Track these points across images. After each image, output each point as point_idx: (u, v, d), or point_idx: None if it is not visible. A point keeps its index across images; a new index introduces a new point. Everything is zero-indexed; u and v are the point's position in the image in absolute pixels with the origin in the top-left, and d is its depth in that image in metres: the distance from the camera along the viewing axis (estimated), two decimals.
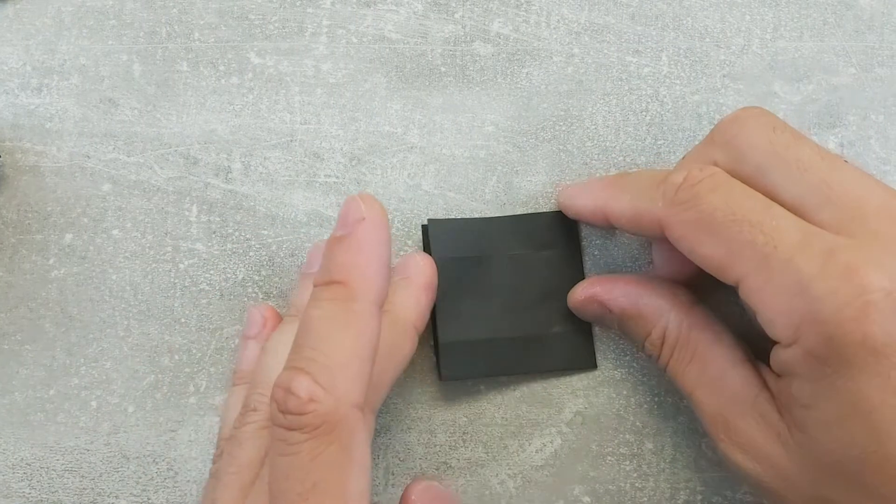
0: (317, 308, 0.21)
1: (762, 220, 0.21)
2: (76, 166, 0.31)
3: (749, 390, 0.23)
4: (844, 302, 0.19)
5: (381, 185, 0.30)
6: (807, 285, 0.20)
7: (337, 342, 0.20)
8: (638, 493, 0.29)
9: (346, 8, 0.31)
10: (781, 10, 0.31)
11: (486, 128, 0.31)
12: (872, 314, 0.19)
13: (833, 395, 0.20)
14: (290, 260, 0.30)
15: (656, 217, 0.24)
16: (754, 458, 0.23)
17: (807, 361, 0.20)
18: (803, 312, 0.20)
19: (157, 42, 0.31)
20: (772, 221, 0.21)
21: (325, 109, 0.31)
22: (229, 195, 0.30)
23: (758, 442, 0.23)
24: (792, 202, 0.22)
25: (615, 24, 0.31)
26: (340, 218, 0.22)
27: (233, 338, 0.30)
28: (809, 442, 0.21)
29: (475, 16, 0.31)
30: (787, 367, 0.22)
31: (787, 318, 0.21)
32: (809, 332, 0.20)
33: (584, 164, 0.31)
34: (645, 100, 0.31)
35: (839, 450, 0.20)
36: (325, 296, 0.21)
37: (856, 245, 0.20)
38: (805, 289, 0.20)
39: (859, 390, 0.20)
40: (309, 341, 0.20)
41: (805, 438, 0.21)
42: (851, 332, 0.19)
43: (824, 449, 0.21)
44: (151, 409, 0.30)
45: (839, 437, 0.20)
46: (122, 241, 0.30)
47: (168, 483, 0.29)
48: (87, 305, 0.30)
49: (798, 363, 0.21)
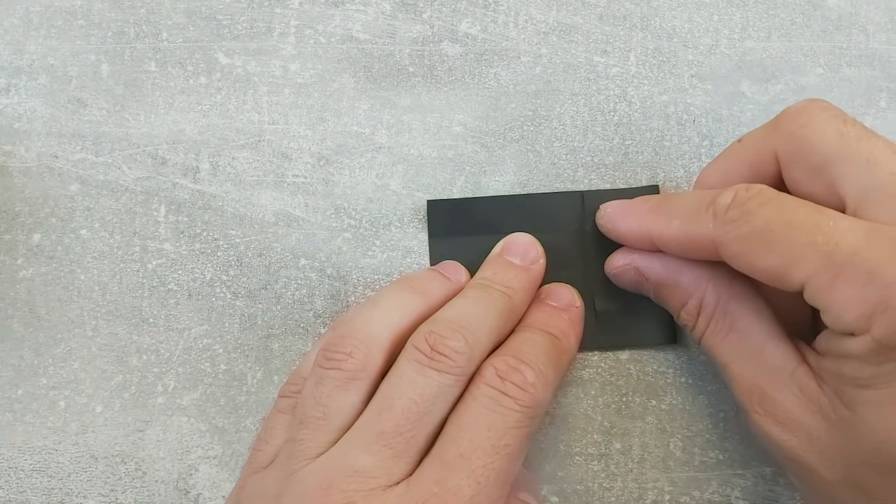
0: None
1: (819, 222, 0.21)
2: (44, 166, 0.31)
3: (788, 363, 0.24)
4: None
5: (350, 185, 0.31)
6: (878, 273, 0.20)
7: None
8: (606, 493, 0.29)
9: (314, 8, 0.31)
10: (749, 11, 0.31)
11: (455, 128, 0.31)
12: None
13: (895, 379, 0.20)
14: (257, 260, 0.30)
15: (709, 239, 0.24)
16: (791, 430, 0.23)
17: (875, 348, 0.20)
18: (876, 301, 0.20)
19: (125, 42, 0.31)
20: (829, 222, 0.21)
21: (293, 109, 0.31)
22: (197, 195, 0.30)
23: (795, 414, 0.23)
24: (855, 196, 0.22)
25: (583, 24, 0.31)
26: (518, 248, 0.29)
27: (201, 338, 0.30)
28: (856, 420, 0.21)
29: (443, 16, 0.31)
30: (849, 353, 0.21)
31: (859, 308, 0.21)
32: (883, 319, 0.20)
33: (552, 164, 0.31)
34: (613, 100, 0.31)
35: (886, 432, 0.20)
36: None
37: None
38: (876, 277, 0.20)
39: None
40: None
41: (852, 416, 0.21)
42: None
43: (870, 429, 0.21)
44: (119, 409, 0.30)
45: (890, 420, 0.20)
46: (91, 241, 0.30)
47: (136, 483, 0.29)
48: (55, 305, 0.30)
49: (864, 350, 0.21)
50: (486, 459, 0.24)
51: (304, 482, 0.24)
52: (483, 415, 0.24)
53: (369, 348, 0.26)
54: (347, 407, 0.25)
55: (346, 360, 0.25)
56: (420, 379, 0.24)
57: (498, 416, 0.24)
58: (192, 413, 0.30)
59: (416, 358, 0.25)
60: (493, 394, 0.24)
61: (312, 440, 0.25)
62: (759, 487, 0.29)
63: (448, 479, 0.23)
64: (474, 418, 0.24)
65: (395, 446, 0.24)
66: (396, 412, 0.24)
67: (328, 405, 0.25)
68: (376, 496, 0.23)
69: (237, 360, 0.30)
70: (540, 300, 0.29)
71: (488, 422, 0.24)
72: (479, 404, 0.24)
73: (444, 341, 0.25)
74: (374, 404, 0.25)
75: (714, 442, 0.29)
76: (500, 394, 0.24)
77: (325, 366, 0.26)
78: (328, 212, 0.30)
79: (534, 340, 0.27)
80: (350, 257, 0.30)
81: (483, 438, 0.24)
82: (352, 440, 0.24)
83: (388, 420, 0.24)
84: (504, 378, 0.25)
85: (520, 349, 0.26)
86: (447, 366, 0.25)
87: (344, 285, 0.30)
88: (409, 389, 0.24)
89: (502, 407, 0.24)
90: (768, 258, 0.22)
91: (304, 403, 0.26)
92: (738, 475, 0.29)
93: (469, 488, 0.23)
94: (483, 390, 0.25)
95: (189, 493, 0.29)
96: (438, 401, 0.24)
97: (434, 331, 0.25)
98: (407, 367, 0.25)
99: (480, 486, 0.23)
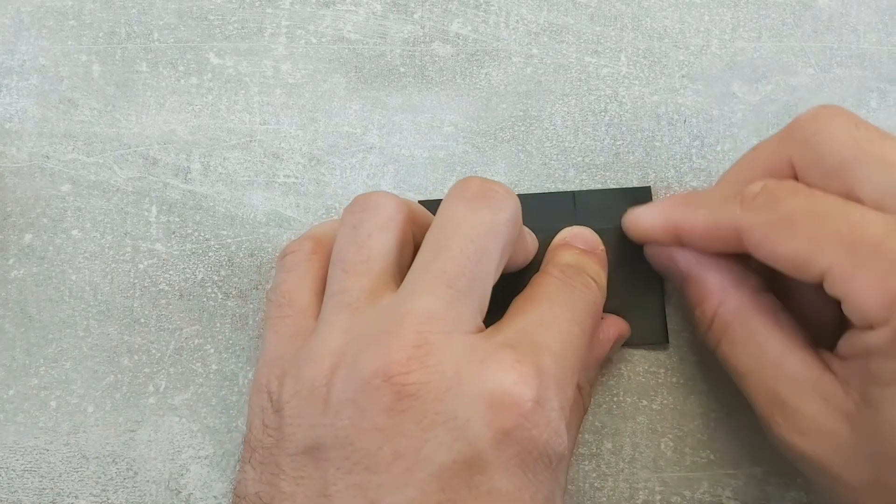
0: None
1: (846, 212, 0.22)
2: (35, 167, 0.31)
3: (810, 373, 0.23)
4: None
5: (341, 185, 0.31)
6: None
7: None
8: (597, 493, 0.29)
9: (305, 8, 0.31)
10: (740, 11, 0.31)
11: (446, 128, 0.31)
12: None
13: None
14: (249, 260, 0.30)
15: (734, 226, 0.24)
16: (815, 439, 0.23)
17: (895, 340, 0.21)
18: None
19: (116, 42, 0.31)
20: (856, 213, 0.22)
21: (285, 110, 0.31)
22: (189, 195, 0.31)
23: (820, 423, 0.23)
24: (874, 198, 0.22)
25: (574, 24, 0.31)
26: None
27: (192, 338, 0.30)
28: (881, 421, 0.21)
29: (434, 16, 0.31)
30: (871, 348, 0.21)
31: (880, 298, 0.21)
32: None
33: (544, 164, 0.31)
34: (604, 100, 0.31)
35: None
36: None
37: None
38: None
39: None
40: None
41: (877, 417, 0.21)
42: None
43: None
44: (111, 409, 0.30)
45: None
46: (82, 241, 0.30)
47: (128, 483, 0.29)
48: (46, 306, 0.30)
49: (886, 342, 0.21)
50: (568, 325, 0.24)
51: (369, 328, 0.23)
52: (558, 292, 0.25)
53: (398, 200, 0.25)
54: (389, 248, 0.24)
55: (381, 206, 0.25)
56: (473, 215, 0.24)
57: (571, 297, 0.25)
58: (183, 413, 0.30)
59: (465, 197, 0.24)
60: (564, 279, 0.25)
61: (362, 287, 0.24)
62: (750, 487, 0.29)
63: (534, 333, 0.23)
64: (551, 293, 0.25)
65: (459, 287, 0.23)
66: (455, 252, 0.23)
67: (371, 247, 0.24)
68: (456, 338, 0.22)
69: (228, 360, 0.30)
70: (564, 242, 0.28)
71: (564, 298, 0.25)
72: (557, 280, 0.25)
73: (489, 185, 0.24)
74: (428, 246, 0.24)
75: (705, 442, 0.29)
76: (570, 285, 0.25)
77: (357, 212, 0.25)
78: (319, 212, 0.30)
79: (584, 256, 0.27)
80: None
81: (564, 310, 0.24)
82: (412, 283, 0.23)
83: (448, 260, 0.23)
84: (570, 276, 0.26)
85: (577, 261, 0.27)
86: (498, 201, 0.24)
87: None
88: (465, 226, 0.23)
89: (574, 291, 0.25)
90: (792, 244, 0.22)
91: (342, 251, 0.25)
92: (729, 475, 0.29)
93: (556, 344, 0.23)
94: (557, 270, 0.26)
95: (180, 493, 0.29)
96: (493, 239, 0.24)
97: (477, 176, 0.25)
98: (457, 205, 0.24)
99: (564, 345, 0.23)
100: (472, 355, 0.22)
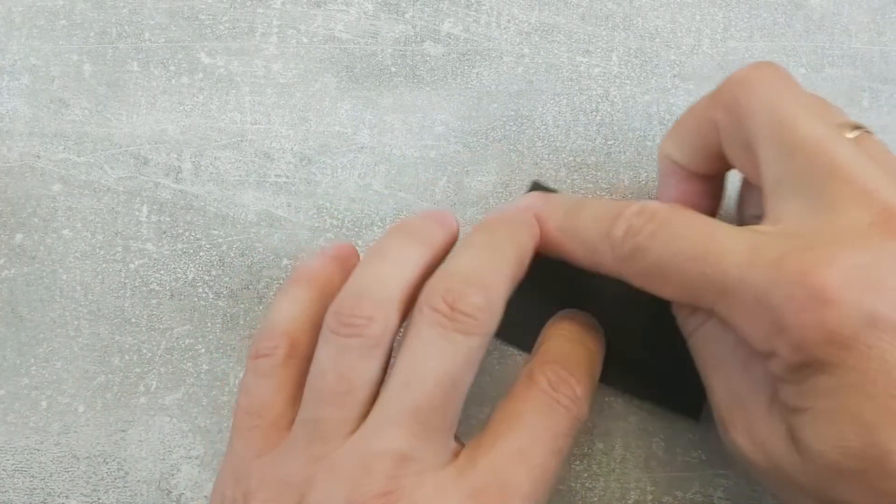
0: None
1: (706, 251, 0.21)
2: (26, 166, 0.31)
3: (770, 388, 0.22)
4: (801, 306, 0.19)
5: (332, 185, 0.31)
6: (763, 298, 0.20)
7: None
8: (588, 493, 0.29)
9: (296, 8, 0.31)
10: (732, 11, 0.31)
11: (437, 128, 0.31)
12: (831, 311, 0.19)
13: (817, 396, 0.20)
14: (240, 260, 0.30)
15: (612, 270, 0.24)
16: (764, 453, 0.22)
17: (788, 369, 0.20)
18: (768, 325, 0.20)
19: (107, 42, 0.31)
20: (715, 248, 0.21)
21: (276, 109, 0.31)
22: (179, 195, 0.31)
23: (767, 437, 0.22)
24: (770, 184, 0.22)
25: (565, 24, 0.31)
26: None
27: (183, 338, 0.30)
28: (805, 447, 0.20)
29: (425, 16, 0.31)
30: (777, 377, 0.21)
31: (758, 333, 0.20)
32: (780, 342, 0.20)
33: (535, 164, 0.31)
34: (595, 100, 0.31)
35: (834, 450, 0.20)
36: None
37: (807, 244, 0.20)
38: (762, 302, 0.20)
39: (840, 387, 0.19)
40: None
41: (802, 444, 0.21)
42: (815, 333, 0.19)
43: (820, 451, 0.20)
44: (102, 408, 0.30)
45: (831, 437, 0.20)
46: (73, 241, 0.30)
47: (118, 483, 0.29)
48: (37, 305, 0.30)
49: (782, 372, 0.21)
50: (544, 458, 0.23)
51: (338, 467, 0.22)
52: (542, 413, 0.24)
53: (388, 311, 0.23)
54: (371, 377, 0.23)
55: (367, 326, 0.23)
56: (447, 345, 0.22)
57: (554, 419, 0.24)
58: (174, 413, 0.30)
59: (436, 321, 0.22)
60: (547, 400, 0.24)
61: (338, 418, 0.23)
62: (741, 487, 0.29)
63: (506, 471, 0.22)
64: (533, 417, 0.24)
65: (432, 422, 0.22)
66: (428, 385, 0.22)
67: (352, 378, 0.23)
68: (427, 479, 0.22)
69: (219, 360, 0.30)
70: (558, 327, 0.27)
71: (546, 422, 0.23)
72: (534, 407, 0.24)
73: (465, 299, 0.22)
74: (401, 376, 0.22)
75: (696, 442, 0.29)
76: (554, 401, 0.24)
77: (342, 332, 0.23)
78: (310, 212, 0.30)
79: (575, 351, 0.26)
80: None
81: (544, 438, 0.23)
82: (385, 417, 0.22)
83: (421, 394, 0.22)
84: (556, 389, 0.24)
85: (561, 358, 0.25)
86: (471, 326, 0.22)
87: None
88: (438, 358, 0.22)
89: (556, 413, 0.24)
90: (669, 291, 0.22)
91: (320, 377, 0.23)
92: (720, 475, 0.29)
93: (527, 484, 0.22)
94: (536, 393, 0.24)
95: (171, 493, 0.29)
96: (468, 366, 0.23)
97: (451, 287, 0.22)
98: (429, 333, 0.22)
99: (536, 483, 0.23)
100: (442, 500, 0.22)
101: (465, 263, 0.24)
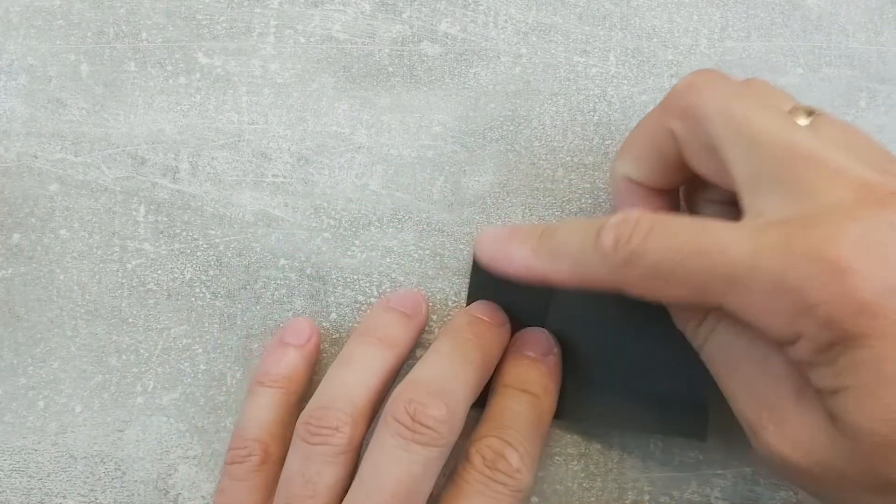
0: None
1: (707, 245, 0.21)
2: (24, 166, 0.31)
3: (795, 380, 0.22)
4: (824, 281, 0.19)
5: (329, 185, 0.31)
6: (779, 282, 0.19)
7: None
8: (586, 493, 0.29)
9: (293, 8, 0.31)
10: (729, 11, 0.31)
11: (434, 128, 0.31)
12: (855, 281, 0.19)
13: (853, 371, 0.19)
14: (237, 260, 0.30)
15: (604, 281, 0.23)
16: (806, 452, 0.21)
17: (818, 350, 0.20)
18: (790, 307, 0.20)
19: (104, 42, 0.31)
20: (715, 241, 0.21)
21: (273, 109, 0.31)
22: (177, 195, 0.30)
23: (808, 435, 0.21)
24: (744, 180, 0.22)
25: (563, 24, 0.31)
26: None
27: (180, 338, 0.30)
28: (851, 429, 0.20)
29: (423, 16, 0.31)
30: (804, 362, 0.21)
31: (780, 318, 0.20)
32: (807, 322, 0.19)
33: (532, 164, 0.31)
34: (592, 100, 0.31)
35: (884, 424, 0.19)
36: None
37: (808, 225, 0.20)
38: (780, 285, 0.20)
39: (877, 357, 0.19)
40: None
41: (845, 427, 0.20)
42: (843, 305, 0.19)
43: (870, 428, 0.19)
44: (99, 408, 0.30)
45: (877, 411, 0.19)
46: (70, 241, 0.30)
47: (116, 483, 0.29)
48: (34, 305, 0.30)
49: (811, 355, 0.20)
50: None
51: None
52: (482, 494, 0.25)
53: (354, 419, 0.26)
54: (337, 482, 0.25)
55: (333, 435, 0.25)
56: (405, 455, 0.24)
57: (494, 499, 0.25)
58: (171, 413, 0.30)
59: (397, 432, 0.24)
60: (483, 480, 0.25)
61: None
62: (738, 487, 0.29)
63: None
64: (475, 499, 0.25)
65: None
66: (386, 494, 0.24)
67: (318, 483, 0.25)
68: None
69: (217, 360, 0.30)
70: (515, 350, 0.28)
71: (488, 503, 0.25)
72: (473, 490, 0.25)
73: (425, 410, 0.24)
74: (362, 484, 0.25)
75: (693, 442, 0.29)
76: (490, 480, 0.25)
77: (311, 441, 0.25)
78: (308, 212, 0.30)
79: (514, 410, 0.27)
80: (329, 257, 0.30)
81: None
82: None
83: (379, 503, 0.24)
84: (492, 467, 0.25)
85: (501, 424, 0.26)
86: (431, 438, 0.24)
87: (323, 285, 0.30)
88: (396, 468, 0.24)
89: (495, 493, 0.25)
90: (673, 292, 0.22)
91: (289, 481, 0.26)
92: (717, 475, 0.29)
93: None
94: (474, 476, 0.25)
95: (168, 493, 0.29)
96: (426, 475, 0.24)
97: (413, 398, 0.25)
98: (390, 443, 0.24)
99: None
100: None
101: (430, 372, 0.26)
